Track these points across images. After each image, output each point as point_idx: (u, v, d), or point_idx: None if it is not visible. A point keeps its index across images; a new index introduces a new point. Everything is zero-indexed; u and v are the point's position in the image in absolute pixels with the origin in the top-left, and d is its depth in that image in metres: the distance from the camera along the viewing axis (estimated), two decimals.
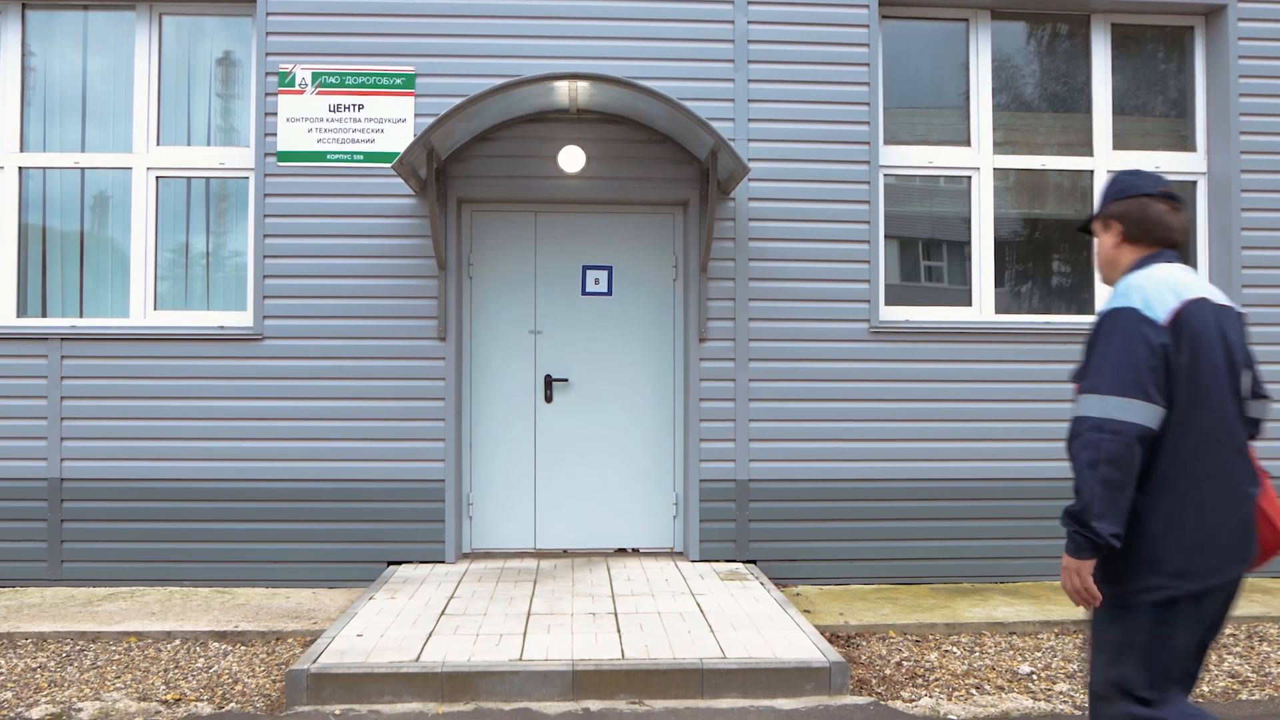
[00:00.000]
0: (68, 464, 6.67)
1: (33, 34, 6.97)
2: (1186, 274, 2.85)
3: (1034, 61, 7.40)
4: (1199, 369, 2.70)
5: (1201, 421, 2.71)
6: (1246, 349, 2.88)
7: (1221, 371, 2.74)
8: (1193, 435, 2.71)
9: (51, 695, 4.73)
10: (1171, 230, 2.92)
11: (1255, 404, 2.91)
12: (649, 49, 6.85)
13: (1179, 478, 2.71)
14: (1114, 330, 2.72)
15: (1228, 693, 4.85)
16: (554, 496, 7.07)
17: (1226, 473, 2.74)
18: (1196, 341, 2.70)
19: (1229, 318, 2.84)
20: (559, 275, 7.07)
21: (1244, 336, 2.89)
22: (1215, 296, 2.84)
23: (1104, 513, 2.64)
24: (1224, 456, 2.74)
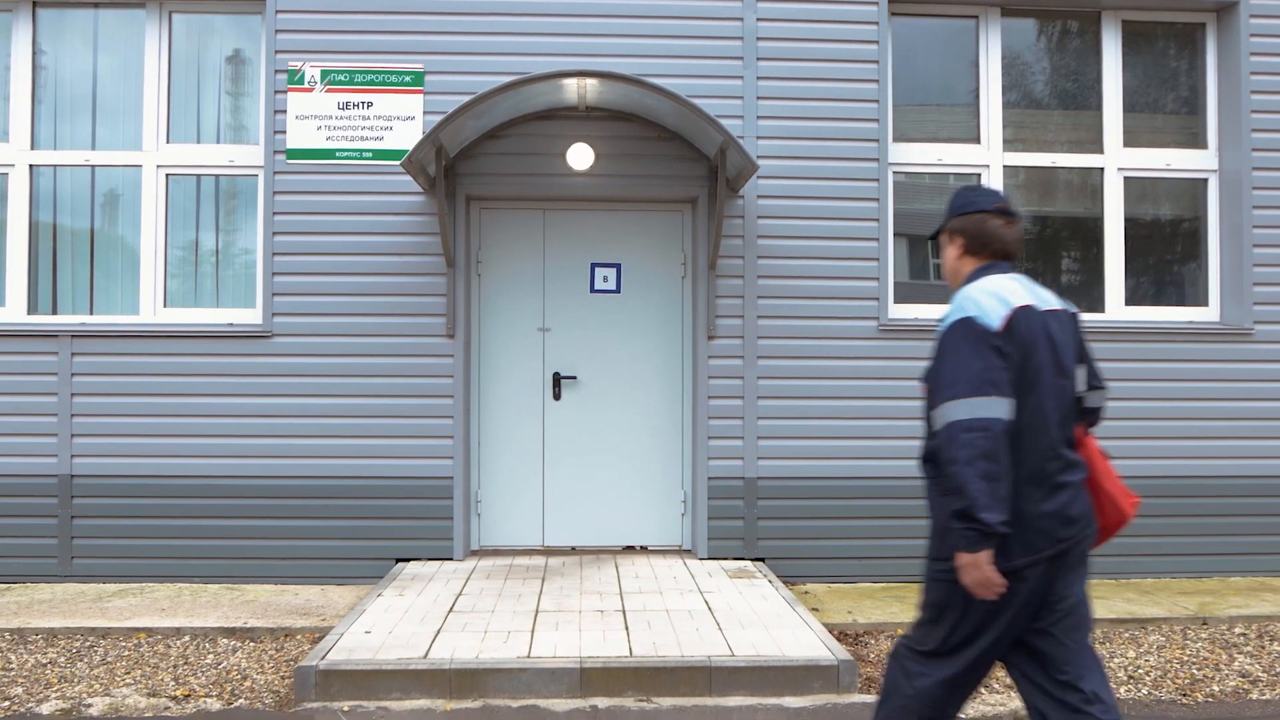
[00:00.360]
0: (78, 460, 6.69)
1: (43, 32, 6.99)
2: (1015, 283, 3.12)
3: (1044, 58, 7.37)
4: (1025, 369, 2.98)
5: (1024, 415, 2.97)
6: (1081, 346, 3.20)
7: (1047, 371, 3.01)
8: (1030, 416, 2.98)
9: (61, 691, 4.75)
10: (1007, 243, 3.22)
11: (1093, 395, 3.24)
12: (658, 46, 6.84)
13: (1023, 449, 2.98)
14: (961, 340, 2.99)
15: (1238, 692, 4.83)
16: (562, 494, 7.08)
17: (1042, 462, 2.99)
18: (1024, 344, 2.98)
19: (1057, 320, 3.11)
20: (567, 273, 7.07)
21: (1076, 336, 3.18)
22: (1043, 302, 3.11)
23: (989, 504, 2.83)
24: (1041, 447, 2.99)
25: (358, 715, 4.42)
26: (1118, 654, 5.37)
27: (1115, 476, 3.18)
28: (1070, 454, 3.07)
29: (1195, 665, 5.21)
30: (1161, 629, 5.85)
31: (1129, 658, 5.31)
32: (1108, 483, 3.15)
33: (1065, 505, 3.00)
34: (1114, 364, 6.94)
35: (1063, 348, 3.08)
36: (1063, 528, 2.99)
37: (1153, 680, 4.97)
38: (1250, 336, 7.01)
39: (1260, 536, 6.99)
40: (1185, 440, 6.98)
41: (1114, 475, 3.18)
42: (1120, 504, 3.16)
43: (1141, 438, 6.94)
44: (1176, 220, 7.38)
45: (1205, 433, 6.99)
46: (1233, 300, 7.09)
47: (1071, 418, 3.10)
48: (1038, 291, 3.15)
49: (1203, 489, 6.98)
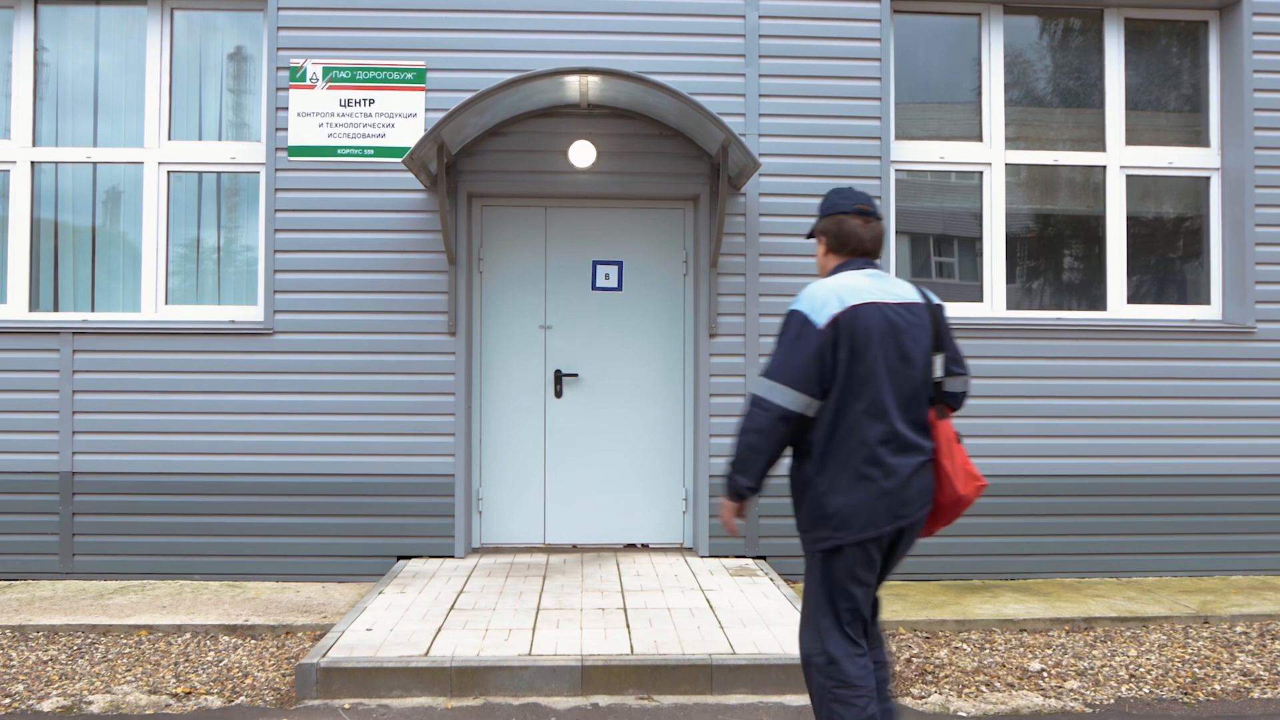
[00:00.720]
0: (79, 457, 6.69)
1: (45, 29, 6.98)
2: (866, 279, 3.35)
3: (1046, 56, 7.36)
4: (855, 364, 3.20)
5: (856, 405, 3.22)
6: (940, 336, 3.39)
7: (880, 364, 3.22)
8: (849, 415, 3.22)
9: (62, 688, 4.75)
10: (864, 241, 3.47)
11: (952, 380, 3.46)
12: (660, 44, 6.84)
13: (839, 448, 3.23)
14: (786, 329, 3.28)
15: (1239, 691, 4.82)
16: (563, 491, 7.07)
17: (876, 448, 3.22)
18: (854, 341, 3.20)
19: (908, 312, 3.32)
20: (569, 270, 7.07)
21: (933, 326, 3.38)
22: (892, 296, 3.32)
23: (743, 470, 3.26)
24: (876, 435, 3.22)
25: (359, 713, 4.42)
26: (1119, 652, 5.37)
27: (960, 458, 3.37)
28: (912, 436, 3.29)
29: (1197, 664, 5.20)
30: (1163, 627, 5.84)
31: (1130, 656, 5.31)
32: (946, 461, 3.33)
33: (903, 484, 3.25)
34: (1115, 362, 6.94)
35: (908, 338, 3.28)
36: (902, 505, 3.25)
37: (1154, 679, 4.97)
38: (1252, 335, 7.00)
39: (1262, 535, 6.99)
40: (1187, 439, 6.97)
41: (959, 457, 3.37)
42: (955, 484, 3.34)
43: (1143, 436, 6.94)
44: (1178, 218, 7.37)
45: (1207, 431, 6.98)
46: (1234, 299, 7.08)
47: (919, 402, 3.32)
48: (888, 286, 3.37)
49: (1204, 487, 6.97)
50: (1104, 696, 4.72)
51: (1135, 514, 6.93)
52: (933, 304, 3.45)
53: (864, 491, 3.22)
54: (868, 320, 3.23)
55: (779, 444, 3.26)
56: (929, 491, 3.35)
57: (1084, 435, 6.91)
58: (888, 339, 3.25)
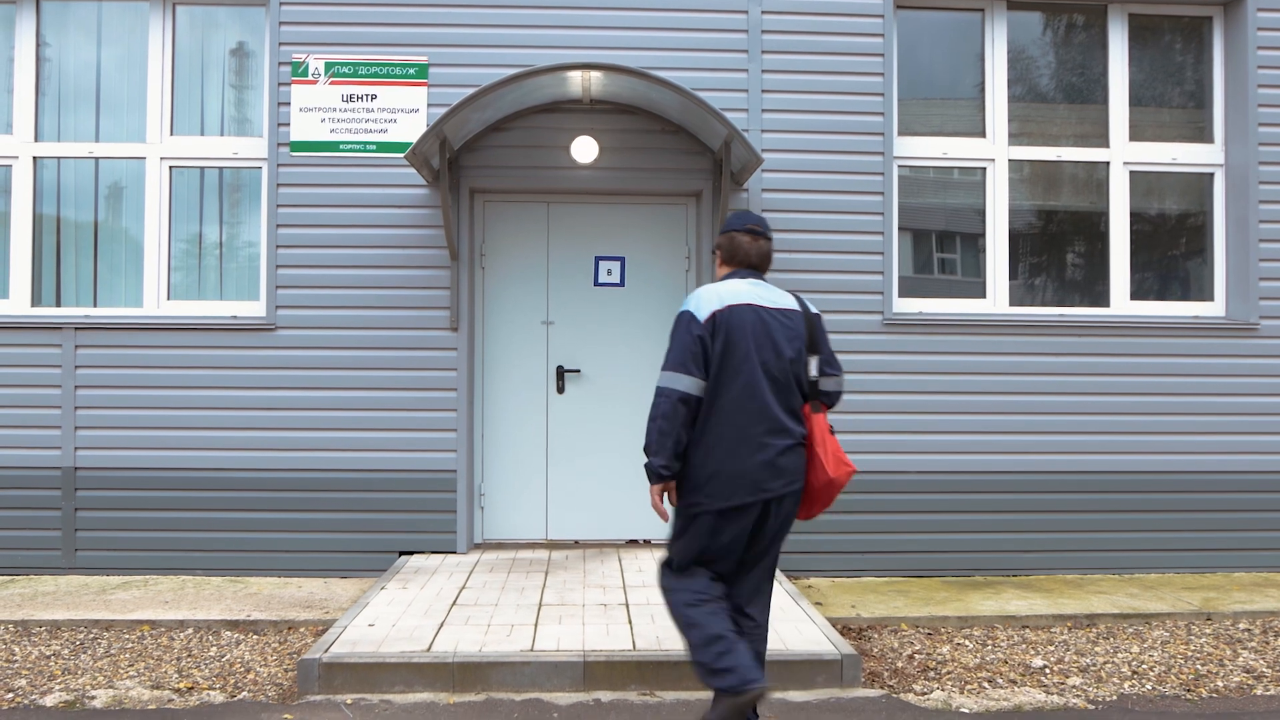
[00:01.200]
0: (82, 453, 6.69)
1: (47, 24, 6.98)
2: (747, 285, 3.90)
3: (1050, 52, 7.34)
4: (728, 354, 3.72)
5: (730, 390, 3.72)
6: (814, 339, 3.90)
7: (753, 356, 3.73)
8: (723, 398, 3.72)
9: (65, 683, 4.76)
10: (750, 255, 4.02)
11: (825, 380, 3.94)
12: (663, 39, 6.83)
13: (714, 427, 3.72)
14: (677, 326, 3.80)
15: (1242, 688, 4.82)
16: (565, 487, 7.07)
17: (748, 427, 3.70)
18: (729, 334, 3.73)
19: (781, 317, 3.84)
20: (571, 266, 7.07)
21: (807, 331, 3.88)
22: (771, 302, 3.86)
23: (657, 451, 3.73)
24: (748, 415, 3.71)
25: (361, 708, 4.42)
26: (1122, 649, 5.36)
27: (831, 446, 3.86)
28: (785, 421, 3.77)
29: (1199, 661, 5.20)
30: (1165, 624, 5.84)
31: (1133, 653, 5.30)
32: (819, 448, 3.81)
33: (771, 461, 3.72)
34: (1118, 359, 6.93)
35: (780, 337, 3.79)
36: (770, 479, 3.71)
37: (1157, 675, 4.96)
38: (1255, 331, 6.99)
39: (1265, 532, 6.98)
40: (1190, 435, 6.97)
41: (830, 445, 3.85)
42: (826, 467, 3.80)
43: (1146, 433, 6.93)
44: (1182, 215, 7.36)
45: (1210, 428, 6.97)
46: (1238, 295, 7.07)
47: (791, 393, 3.81)
48: (768, 293, 3.90)
49: (1207, 484, 6.96)
50: (1106, 693, 4.72)
51: (1138, 511, 6.93)
52: (810, 312, 3.96)
53: (732, 466, 3.69)
54: (742, 318, 3.77)
55: (683, 425, 3.73)
56: (796, 472, 3.79)
57: (1086, 432, 6.90)
58: (761, 336, 3.77)
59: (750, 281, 3.94)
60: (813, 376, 3.89)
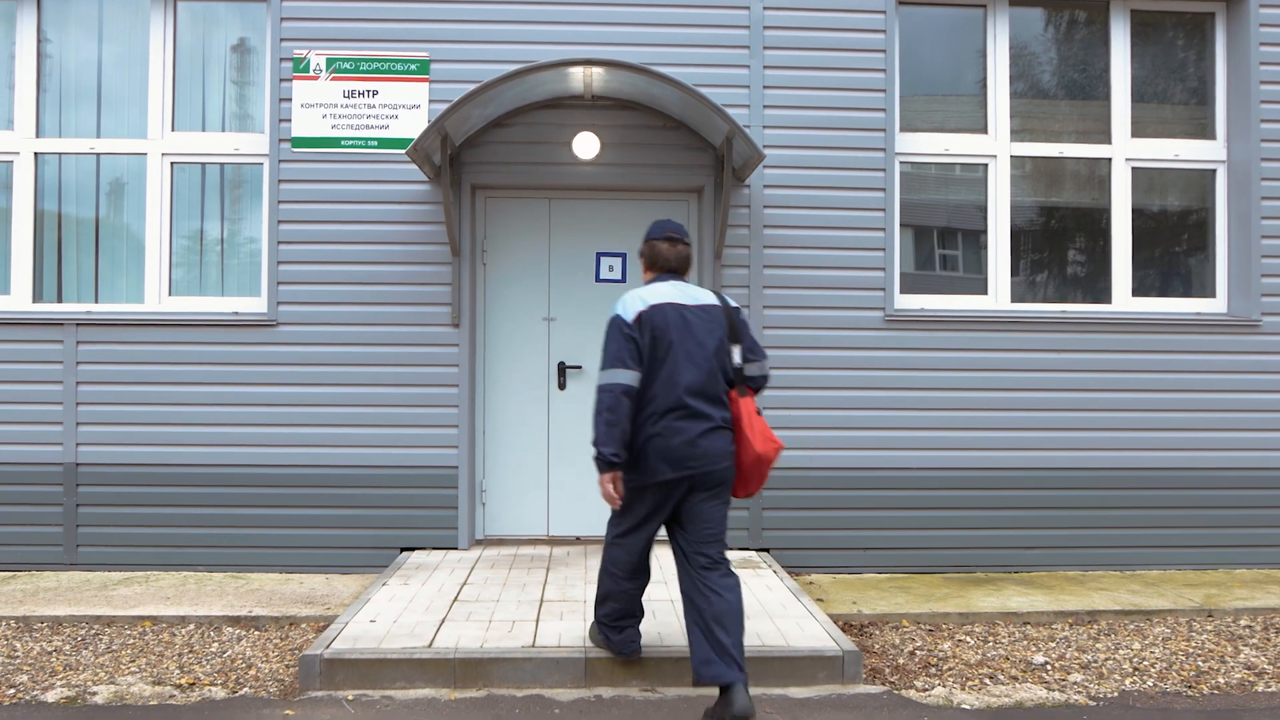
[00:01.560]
0: (83, 449, 6.69)
1: (48, 20, 6.98)
2: (668, 287, 4.36)
3: (1052, 48, 7.33)
4: (654, 349, 4.20)
5: (657, 380, 4.19)
6: (735, 330, 4.34)
7: (675, 349, 4.20)
8: (650, 389, 4.19)
9: (67, 678, 4.76)
10: (669, 260, 4.47)
11: (750, 366, 4.37)
12: (664, 35, 6.82)
13: (646, 413, 4.20)
14: (610, 328, 4.27)
15: (1244, 684, 4.82)
16: (567, 483, 7.07)
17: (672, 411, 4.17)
18: (654, 331, 4.21)
19: (700, 312, 4.31)
20: (573, 262, 7.06)
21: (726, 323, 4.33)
22: (691, 299, 4.33)
23: (606, 441, 4.12)
24: (673, 402, 4.17)
25: (362, 704, 4.42)
26: (1123, 645, 5.37)
27: (759, 426, 4.27)
28: (706, 407, 4.21)
29: (1201, 657, 5.20)
30: (1167, 621, 5.84)
31: (1134, 649, 5.30)
32: (746, 429, 4.23)
33: (693, 441, 4.17)
34: (1120, 356, 6.93)
35: (700, 330, 4.25)
36: (688, 460, 4.16)
37: (1158, 672, 4.96)
38: (1257, 328, 6.99)
39: (1266, 529, 6.98)
40: (1191, 432, 6.96)
41: (757, 425, 4.27)
42: (754, 445, 4.22)
43: (1148, 429, 6.93)
44: (1184, 211, 7.35)
45: (1211, 424, 6.97)
46: (1240, 292, 7.07)
47: (714, 380, 4.25)
48: (688, 292, 4.37)
49: (1208, 481, 6.96)
50: (1108, 689, 4.72)
51: (1139, 507, 6.93)
52: (729, 306, 4.41)
53: (657, 447, 4.17)
54: (664, 316, 4.24)
55: (626, 415, 4.15)
56: (721, 452, 4.22)
57: (1088, 428, 6.90)
58: (682, 330, 4.23)
59: (671, 284, 4.40)
60: (737, 364, 4.33)
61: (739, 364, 4.33)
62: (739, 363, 4.33)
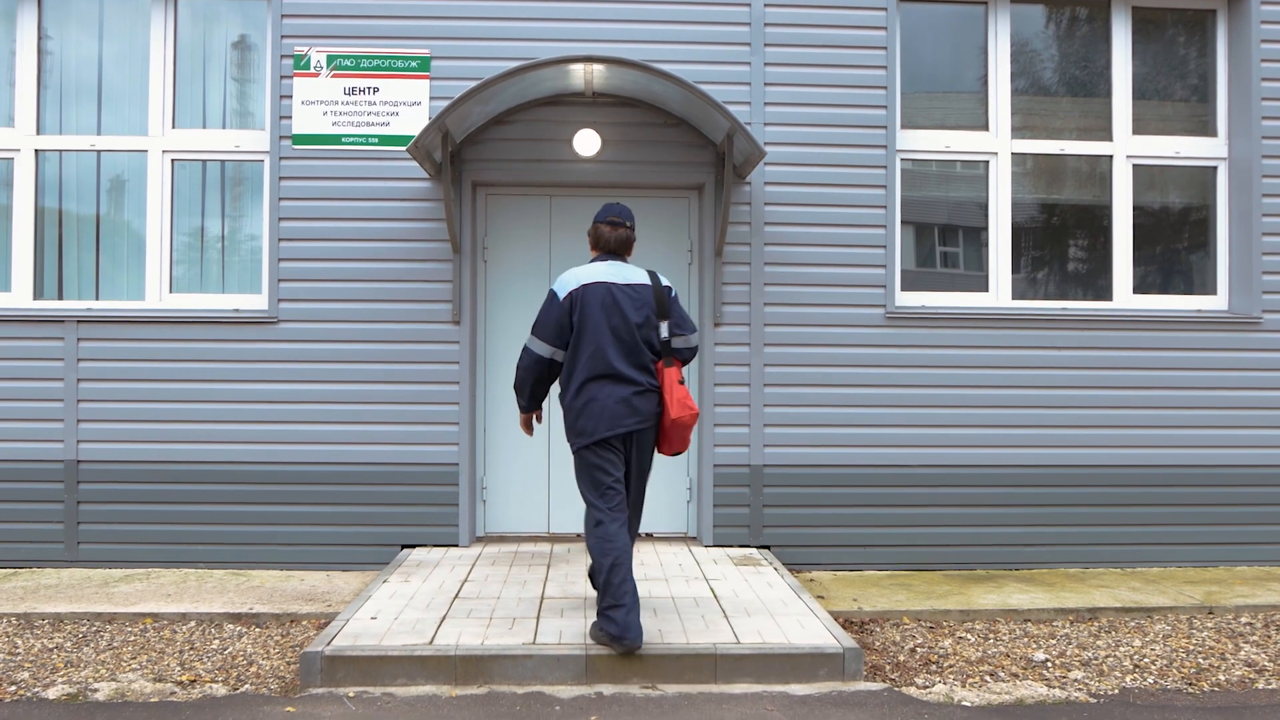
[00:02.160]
0: (84, 446, 6.70)
1: (49, 17, 6.97)
2: (604, 267, 4.88)
3: (1053, 45, 7.33)
4: (583, 323, 4.75)
5: (586, 350, 4.75)
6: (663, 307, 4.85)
7: (603, 324, 4.74)
8: (583, 357, 4.75)
9: (68, 675, 4.76)
10: (610, 242, 4.98)
11: (676, 339, 4.89)
12: (665, 32, 6.81)
13: (577, 379, 4.77)
14: (546, 301, 4.86)
15: (1244, 681, 4.82)
16: (567, 480, 7.06)
17: (601, 378, 4.74)
18: (584, 308, 4.76)
19: (631, 291, 4.82)
20: (574, 259, 7.04)
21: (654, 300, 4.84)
22: (623, 279, 4.84)
23: (520, 394, 5.01)
24: (601, 370, 4.73)
25: (363, 701, 4.42)
26: (1123, 643, 5.37)
27: (678, 394, 4.80)
28: (629, 373, 4.75)
29: (1201, 654, 5.20)
30: (1167, 618, 5.84)
31: (1135, 646, 5.30)
32: (667, 395, 4.79)
33: (625, 404, 4.73)
34: (1121, 353, 6.93)
35: (629, 307, 4.77)
36: (618, 419, 4.72)
37: (1158, 669, 4.96)
38: (1258, 325, 6.99)
39: (1267, 526, 6.98)
40: (1192, 429, 6.97)
41: (677, 393, 4.80)
42: (671, 410, 4.77)
43: (1149, 426, 6.93)
44: (1185, 208, 7.35)
45: (1212, 422, 6.97)
46: (1241, 289, 7.06)
47: (639, 351, 4.78)
48: (621, 272, 4.87)
49: (1209, 478, 6.96)
50: (1108, 687, 4.72)
51: (1140, 504, 6.93)
52: (660, 285, 4.90)
53: (591, 409, 4.73)
54: (595, 294, 4.76)
55: (539, 378, 4.92)
56: (647, 413, 4.79)
57: (1089, 425, 6.90)
58: (610, 307, 4.75)
59: (609, 264, 4.92)
60: (664, 337, 4.85)
61: (665, 337, 4.85)
62: (665, 336, 4.85)
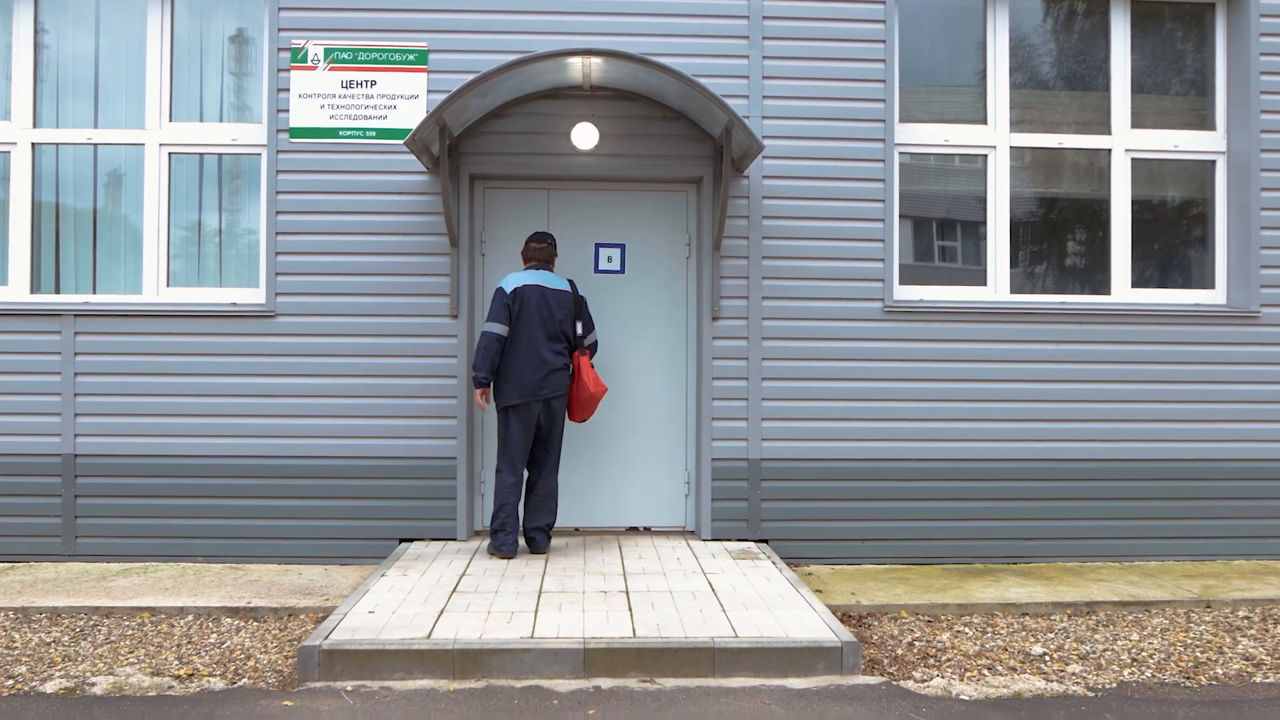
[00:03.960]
0: (81, 440, 6.69)
1: (45, 10, 6.95)
2: (535, 274, 6.31)
3: (1052, 39, 7.32)
4: (520, 314, 6.20)
5: (521, 334, 6.20)
6: (579, 310, 6.41)
7: (535, 317, 6.20)
8: (518, 338, 6.20)
9: (65, 669, 4.76)
10: (535, 254, 6.43)
11: (587, 336, 6.45)
12: (663, 25, 6.80)
13: (511, 353, 6.21)
14: (495, 294, 6.24)
15: (1241, 675, 4.83)
16: (565, 475, 7.06)
17: (527, 359, 6.20)
18: (522, 302, 6.21)
19: (553, 294, 6.28)
20: (572, 253, 7.04)
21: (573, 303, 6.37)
22: (548, 283, 6.30)
23: (479, 367, 6.17)
24: (529, 350, 6.20)
25: (361, 695, 4.42)
26: (1121, 636, 5.37)
27: (589, 375, 6.32)
28: (549, 356, 6.23)
29: (1199, 648, 5.21)
30: (1165, 612, 5.85)
31: (1133, 640, 5.31)
32: (582, 375, 6.31)
33: (544, 378, 6.23)
34: (1119, 347, 6.93)
35: (553, 306, 6.25)
36: (537, 388, 6.21)
37: (1156, 663, 4.97)
38: (1256, 319, 6.99)
39: (1265, 520, 6.99)
40: (1190, 423, 6.97)
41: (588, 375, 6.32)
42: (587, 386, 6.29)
43: (1147, 420, 6.93)
44: (1183, 202, 7.34)
45: (1210, 416, 6.98)
46: (1239, 283, 7.06)
47: (559, 340, 6.29)
48: (549, 279, 6.32)
49: (1207, 472, 6.97)
50: (1106, 680, 4.73)
51: (1138, 498, 6.93)
52: (576, 294, 6.41)
53: (515, 379, 6.20)
54: (532, 294, 6.23)
55: (496, 354, 6.17)
56: (558, 386, 6.27)
57: (1086, 420, 6.91)
58: (540, 304, 6.22)
59: (539, 272, 6.34)
60: (578, 334, 6.38)
61: (579, 334, 6.38)
62: (579, 333, 6.38)
